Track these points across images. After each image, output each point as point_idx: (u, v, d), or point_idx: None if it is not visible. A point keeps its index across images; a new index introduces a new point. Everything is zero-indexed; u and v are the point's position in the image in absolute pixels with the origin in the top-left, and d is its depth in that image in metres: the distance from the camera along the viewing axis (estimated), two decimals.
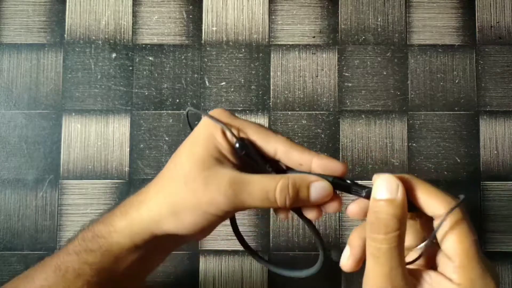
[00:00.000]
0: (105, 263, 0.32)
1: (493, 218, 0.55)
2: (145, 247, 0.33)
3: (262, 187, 0.31)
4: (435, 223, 0.29)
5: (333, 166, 0.31)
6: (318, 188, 0.31)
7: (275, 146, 0.32)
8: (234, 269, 0.55)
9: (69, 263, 0.32)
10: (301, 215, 0.33)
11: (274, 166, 0.32)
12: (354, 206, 0.31)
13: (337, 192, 0.32)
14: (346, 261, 0.31)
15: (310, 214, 0.33)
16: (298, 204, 0.32)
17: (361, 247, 0.31)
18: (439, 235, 0.29)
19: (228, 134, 0.31)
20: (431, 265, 0.31)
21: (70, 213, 0.55)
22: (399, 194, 0.28)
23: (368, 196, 0.30)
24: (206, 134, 0.32)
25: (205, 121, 0.32)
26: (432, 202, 0.29)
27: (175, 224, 0.31)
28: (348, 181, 0.31)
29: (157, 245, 0.33)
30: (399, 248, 0.28)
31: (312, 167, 0.31)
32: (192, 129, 0.34)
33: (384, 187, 0.28)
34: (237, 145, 0.31)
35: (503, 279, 0.55)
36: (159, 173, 0.33)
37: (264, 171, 0.32)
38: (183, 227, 0.31)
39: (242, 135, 0.32)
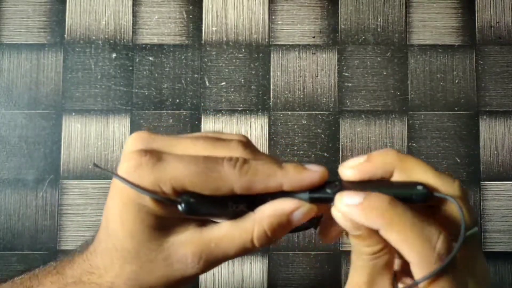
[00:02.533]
0: None
1: (493, 218, 0.55)
2: None
3: (236, 243, 0.25)
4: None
5: (307, 180, 0.24)
6: (299, 216, 0.25)
7: (229, 186, 0.24)
8: (234, 269, 0.55)
9: None
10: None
11: (234, 197, 0.25)
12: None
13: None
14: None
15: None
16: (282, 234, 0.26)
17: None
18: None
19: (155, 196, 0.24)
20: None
21: (70, 213, 0.55)
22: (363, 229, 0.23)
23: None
24: (130, 205, 0.24)
25: (118, 184, 0.25)
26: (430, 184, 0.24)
27: None
28: (328, 191, 0.24)
29: None
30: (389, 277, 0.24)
31: (284, 188, 0.25)
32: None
33: (346, 220, 0.24)
34: (180, 207, 0.23)
35: (503, 279, 0.55)
36: (95, 246, 0.27)
37: (227, 213, 0.25)
38: None
39: (175, 183, 0.23)
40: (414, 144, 0.56)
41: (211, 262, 0.25)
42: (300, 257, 0.55)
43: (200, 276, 0.55)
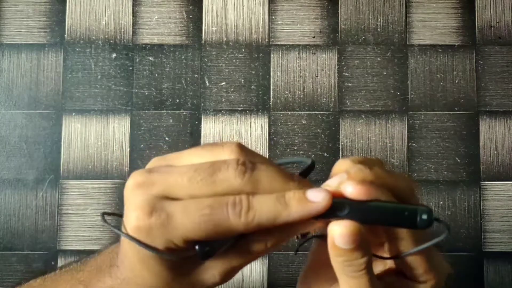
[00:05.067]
0: None
1: (493, 218, 0.55)
2: None
3: (254, 256, 0.27)
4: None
5: (312, 214, 0.25)
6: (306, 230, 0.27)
7: (237, 232, 0.25)
8: None
9: None
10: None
11: None
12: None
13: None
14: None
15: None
16: None
17: None
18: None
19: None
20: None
21: (70, 213, 0.55)
22: (355, 243, 0.25)
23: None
24: (150, 256, 0.25)
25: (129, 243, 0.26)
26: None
27: None
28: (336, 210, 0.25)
29: None
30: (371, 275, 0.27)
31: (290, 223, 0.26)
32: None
33: (341, 236, 0.25)
34: (197, 248, 0.25)
35: (503, 279, 0.55)
36: None
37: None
38: None
39: (186, 238, 0.25)
40: (414, 144, 0.56)
41: (236, 272, 0.27)
42: (300, 257, 0.55)
43: None
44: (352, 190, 0.25)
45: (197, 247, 0.25)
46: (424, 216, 0.25)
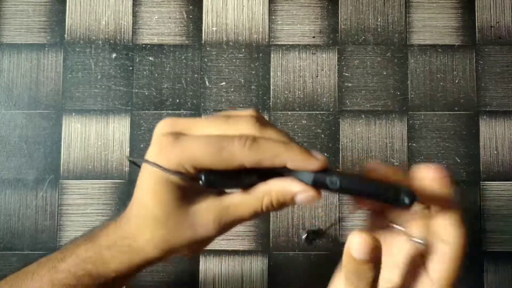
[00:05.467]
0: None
1: (493, 218, 0.55)
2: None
3: (249, 208, 0.29)
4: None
5: (309, 165, 0.27)
6: (303, 199, 0.28)
7: (239, 161, 0.27)
8: (234, 269, 0.55)
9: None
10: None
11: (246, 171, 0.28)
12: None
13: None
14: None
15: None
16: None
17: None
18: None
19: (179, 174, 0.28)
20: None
21: (70, 213, 0.55)
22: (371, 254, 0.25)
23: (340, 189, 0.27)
24: (161, 179, 0.28)
25: (147, 167, 0.29)
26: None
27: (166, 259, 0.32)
28: (330, 179, 0.27)
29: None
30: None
31: (288, 166, 0.28)
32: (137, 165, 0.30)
33: (357, 247, 0.25)
34: (200, 182, 0.27)
35: (503, 279, 0.55)
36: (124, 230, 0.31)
37: (241, 184, 0.29)
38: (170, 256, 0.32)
39: (194, 162, 0.27)
40: (414, 144, 0.56)
41: (229, 225, 0.30)
42: (300, 257, 0.55)
43: (200, 275, 0.55)
44: (431, 173, 0.27)
45: (203, 174, 0.27)
46: (406, 199, 0.27)
